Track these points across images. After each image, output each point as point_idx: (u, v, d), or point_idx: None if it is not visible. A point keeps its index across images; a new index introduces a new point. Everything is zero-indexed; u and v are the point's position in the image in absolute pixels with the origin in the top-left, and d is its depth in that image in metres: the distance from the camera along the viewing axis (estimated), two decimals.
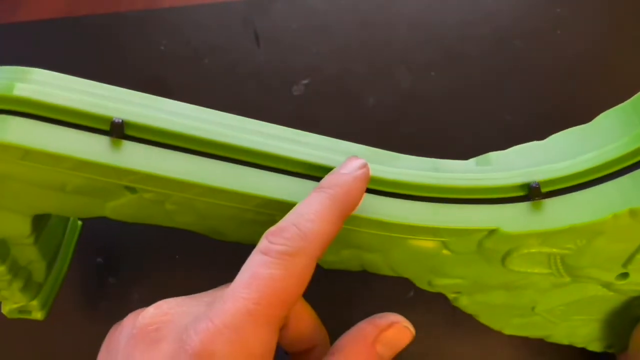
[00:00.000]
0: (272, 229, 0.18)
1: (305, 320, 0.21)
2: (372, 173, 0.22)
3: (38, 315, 0.28)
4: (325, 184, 0.19)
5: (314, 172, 0.22)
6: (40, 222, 0.25)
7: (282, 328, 0.20)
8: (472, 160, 0.24)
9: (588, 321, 0.27)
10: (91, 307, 0.33)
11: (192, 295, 0.19)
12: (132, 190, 0.21)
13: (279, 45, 0.41)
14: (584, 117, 0.24)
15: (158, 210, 0.22)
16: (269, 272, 0.17)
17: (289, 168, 0.22)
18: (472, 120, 0.38)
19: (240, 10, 0.43)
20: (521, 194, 0.22)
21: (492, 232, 0.22)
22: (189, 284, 0.34)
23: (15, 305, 0.28)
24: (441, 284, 0.25)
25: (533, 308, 0.26)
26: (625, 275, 0.24)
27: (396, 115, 0.38)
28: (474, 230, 0.22)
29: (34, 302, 0.28)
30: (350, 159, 0.20)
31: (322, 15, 0.42)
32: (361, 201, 0.20)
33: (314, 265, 0.18)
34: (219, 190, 0.21)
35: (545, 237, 0.22)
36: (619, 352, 0.29)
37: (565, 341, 0.29)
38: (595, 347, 0.29)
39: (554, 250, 0.23)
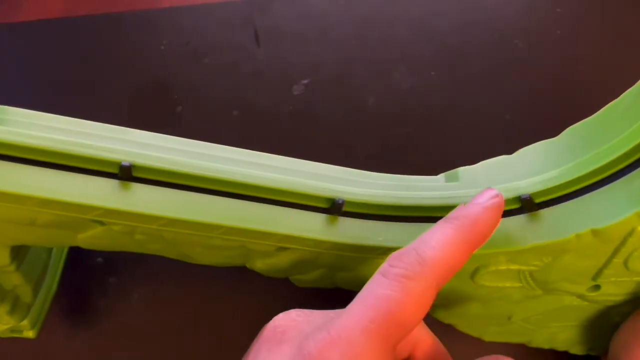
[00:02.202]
0: (395, 253, 0.18)
1: (431, 353, 0.21)
2: (340, 196, 0.22)
3: (29, 334, 0.29)
4: (454, 214, 0.19)
5: (276, 196, 0.22)
6: (20, 250, 0.26)
7: (408, 358, 0.21)
8: (441, 176, 0.24)
9: (567, 327, 0.27)
10: (91, 307, 0.33)
11: (321, 310, 0.20)
12: (100, 222, 0.22)
13: (279, 45, 0.41)
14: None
15: (128, 240, 0.23)
16: (385, 293, 0.17)
17: (250, 193, 0.22)
18: (472, 120, 0.38)
19: (240, 9, 0.43)
20: None
21: None
22: (188, 284, 0.34)
23: (6, 326, 0.28)
24: None
25: (509, 317, 0.26)
26: (597, 288, 0.24)
27: (396, 115, 0.38)
28: None
29: (24, 322, 0.28)
30: (486, 190, 0.20)
31: (322, 15, 0.42)
32: (493, 231, 0.20)
33: (433, 293, 0.18)
34: (181, 221, 0.21)
35: (512, 255, 0.22)
36: (602, 355, 0.29)
37: (546, 346, 0.29)
38: (577, 350, 0.29)
39: (522, 267, 0.23)
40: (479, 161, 0.24)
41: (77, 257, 0.31)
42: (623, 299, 0.24)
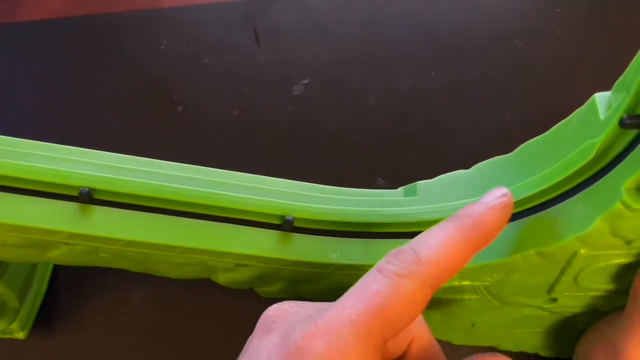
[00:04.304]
0: (393, 250, 0.18)
1: (426, 350, 0.21)
2: (291, 213, 0.22)
3: (19, 335, 0.30)
4: (459, 213, 0.19)
5: (230, 214, 0.22)
6: None
7: (403, 356, 0.21)
8: (400, 190, 0.24)
9: (532, 333, 0.27)
10: (91, 307, 0.33)
11: (313, 302, 0.20)
12: (65, 243, 0.22)
13: (279, 45, 0.41)
14: None
15: (94, 258, 0.23)
16: (377, 288, 0.17)
17: (204, 212, 0.22)
18: (472, 120, 0.38)
19: (240, 10, 0.43)
20: None
21: None
22: (188, 284, 0.34)
23: None
24: None
25: (473, 324, 0.26)
26: (553, 300, 0.24)
27: (396, 115, 0.38)
28: None
29: (14, 325, 0.29)
30: (495, 188, 0.19)
31: (322, 15, 0.42)
32: (499, 231, 0.19)
33: (427, 292, 0.17)
34: (138, 242, 0.21)
35: (461, 272, 0.22)
36: (573, 357, 0.29)
37: (514, 349, 0.29)
38: (546, 353, 0.29)
39: (475, 283, 0.23)
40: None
41: None
42: (582, 310, 0.24)
